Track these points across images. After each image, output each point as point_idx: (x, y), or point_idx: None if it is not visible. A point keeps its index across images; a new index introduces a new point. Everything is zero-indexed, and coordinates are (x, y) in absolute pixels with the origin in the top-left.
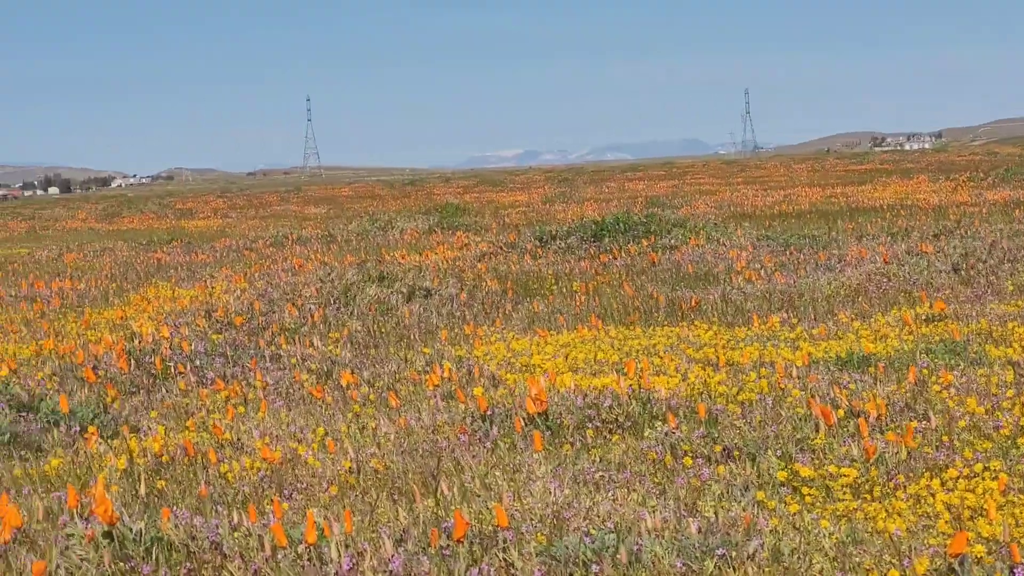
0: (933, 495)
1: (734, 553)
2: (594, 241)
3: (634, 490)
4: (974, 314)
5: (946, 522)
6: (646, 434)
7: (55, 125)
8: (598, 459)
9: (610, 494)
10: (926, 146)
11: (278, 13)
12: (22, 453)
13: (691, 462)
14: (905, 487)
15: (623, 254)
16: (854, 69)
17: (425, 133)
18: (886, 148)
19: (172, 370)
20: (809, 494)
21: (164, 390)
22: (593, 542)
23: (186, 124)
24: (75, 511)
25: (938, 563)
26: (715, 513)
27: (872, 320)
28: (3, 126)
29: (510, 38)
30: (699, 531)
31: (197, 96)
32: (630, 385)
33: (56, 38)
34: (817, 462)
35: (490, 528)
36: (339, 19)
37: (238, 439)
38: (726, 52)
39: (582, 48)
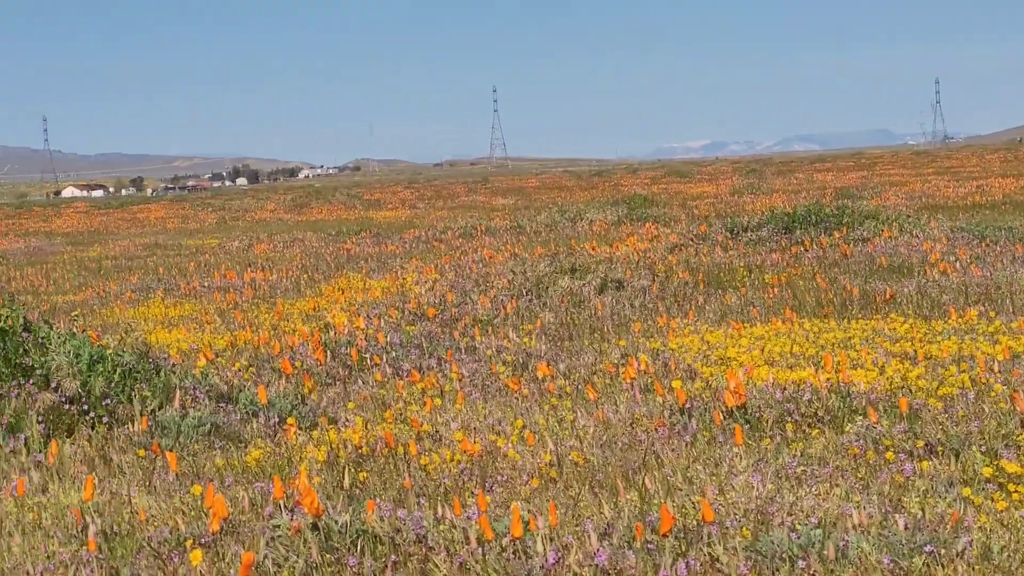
0: None
1: (943, 551)
2: (785, 233)
3: (837, 485)
4: None
5: None
6: (846, 428)
7: (244, 117)
8: (799, 453)
9: (812, 489)
10: None
11: (465, 4)
12: (222, 443)
13: (893, 457)
14: None
15: (815, 246)
16: None
17: (611, 124)
18: None
19: (367, 361)
20: (1016, 491)
21: (360, 381)
22: (799, 537)
23: (373, 116)
24: (281, 503)
25: None
26: (921, 509)
27: None
28: (195, 119)
29: (697, 27)
30: (906, 528)
31: (384, 88)
32: (828, 379)
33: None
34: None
35: (693, 522)
36: (525, 10)
37: (436, 431)
38: (916, 41)
39: (770, 37)
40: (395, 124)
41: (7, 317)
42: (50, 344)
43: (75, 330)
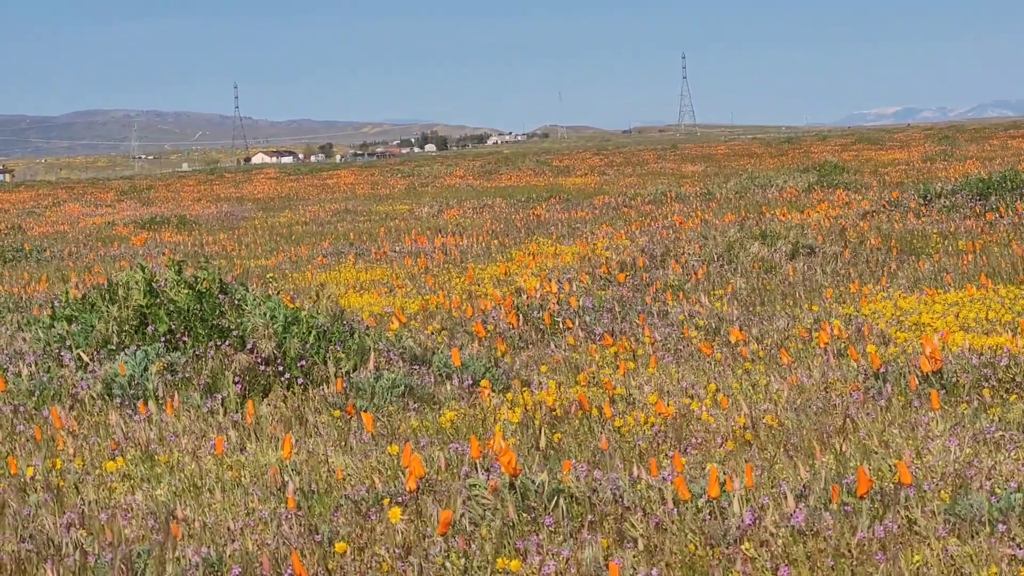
0: None
1: None
2: (980, 199)
3: None
4: None
5: None
6: None
7: (433, 84)
8: (996, 419)
9: (1012, 454)
10: None
11: None
12: (417, 405)
13: None
14: None
15: (1010, 213)
16: None
17: (800, 91)
18: None
19: (559, 325)
20: None
21: (552, 345)
22: (998, 501)
23: (561, 83)
24: (477, 462)
25: None
26: None
27: None
28: (384, 86)
29: None
30: None
31: (573, 55)
32: None
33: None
34: None
35: (890, 486)
36: None
37: (629, 394)
38: None
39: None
40: (583, 91)
41: (204, 279)
42: (246, 306)
43: (270, 292)
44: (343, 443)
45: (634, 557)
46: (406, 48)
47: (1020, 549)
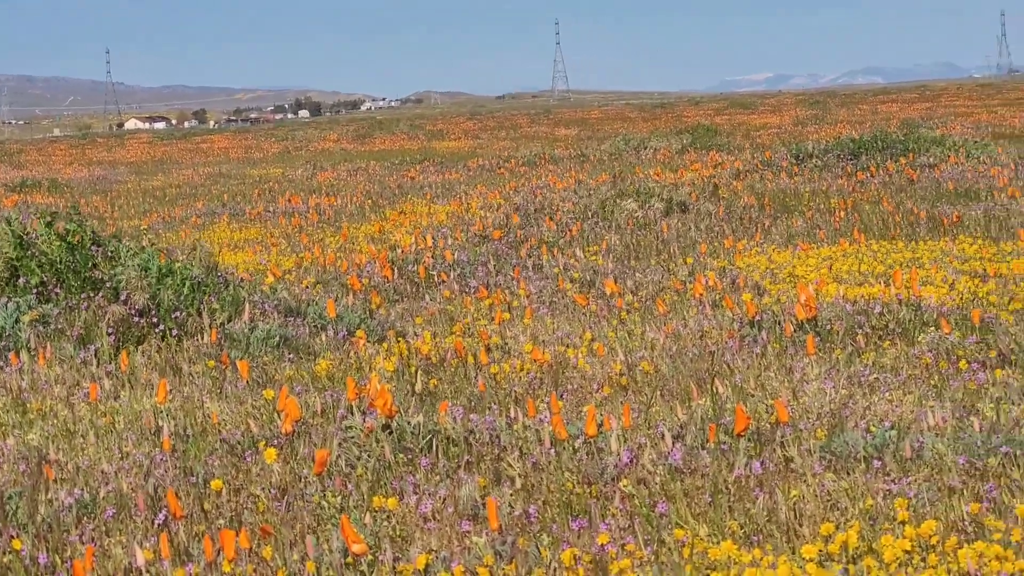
0: None
1: (1018, 452)
2: (851, 159)
3: (910, 392)
4: None
5: None
6: (918, 339)
7: (306, 50)
8: (871, 363)
9: (886, 395)
10: None
11: None
12: (292, 356)
13: (966, 366)
14: None
15: (881, 172)
16: None
17: (673, 57)
18: None
19: (435, 279)
20: None
21: (428, 298)
22: (873, 438)
23: (435, 49)
24: (353, 405)
25: None
26: (996, 414)
27: None
28: (258, 52)
29: None
30: (980, 430)
31: (446, 22)
32: (898, 294)
33: None
34: None
35: (767, 425)
36: None
37: (505, 343)
38: None
39: None
40: (457, 58)
41: (74, 232)
42: (119, 258)
43: (144, 244)
44: (218, 391)
45: (511, 495)
46: (281, 14)
47: (895, 483)
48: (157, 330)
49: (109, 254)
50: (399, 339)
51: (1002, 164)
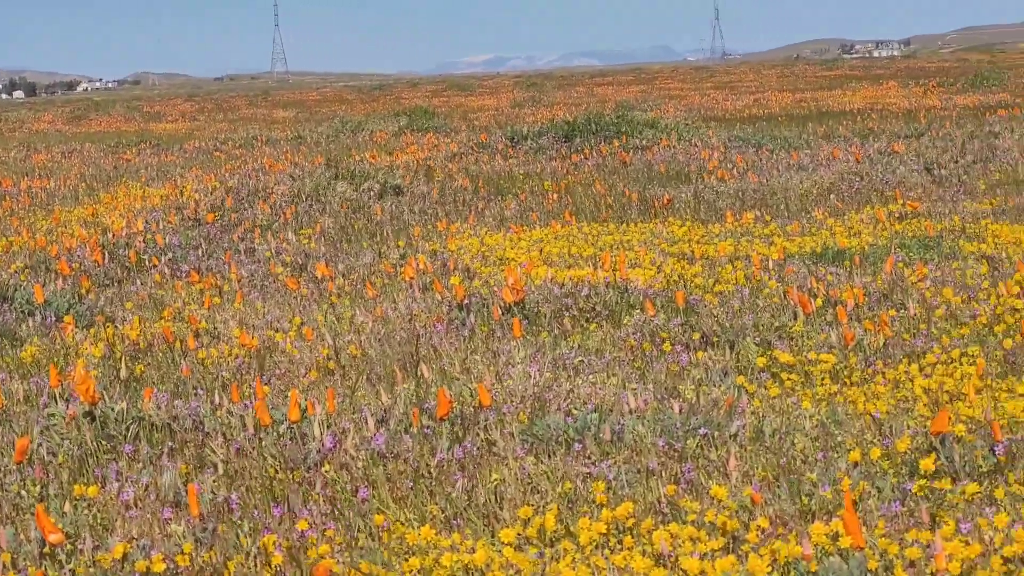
0: (912, 380)
1: (716, 433)
2: (565, 141)
3: (614, 374)
4: (947, 212)
5: (925, 405)
6: (624, 322)
7: (20, 28)
8: (576, 346)
9: (590, 378)
10: (895, 53)
11: None
12: None
13: (669, 348)
14: (884, 373)
15: (594, 154)
16: None
17: (393, 39)
18: (855, 55)
19: (146, 263)
20: (789, 379)
21: (138, 282)
22: (575, 421)
23: (153, 28)
24: (56, 392)
25: (919, 441)
26: (696, 396)
27: (846, 218)
28: None
29: None
30: (680, 412)
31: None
32: (606, 276)
33: None
34: (796, 349)
35: (471, 409)
36: None
37: (215, 328)
38: None
39: None
40: (176, 39)
41: None
42: None
43: None
44: None
45: (214, 481)
46: None
47: (595, 466)
48: None
49: None
50: (108, 324)
51: (712, 146)
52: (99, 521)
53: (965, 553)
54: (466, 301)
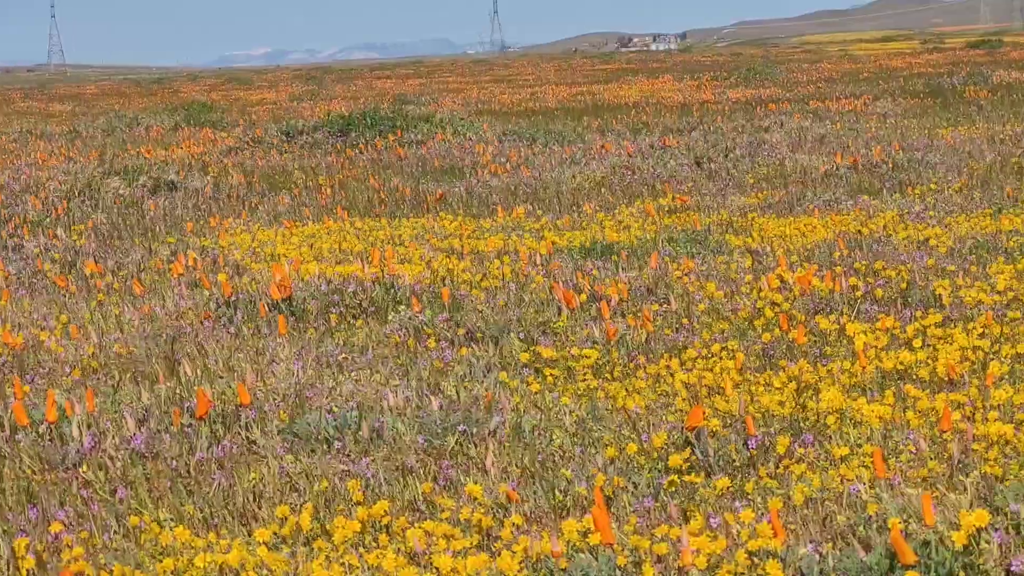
0: (672, 374)
1: (475, 430)
2: (341, 136)
3: (377, 371)
4: (716, 206)
5: (684, 400)
6: (390, 318)
7: None
8: (341, 342)
9: (353, 375)
10: (672, 47)
11: None
12: None
13: (435, 345)
14: (645, 367)
15: (370, 149)
16: None
17: (173, 32)
18: (633, 49)
19: None
20: (551, 375)
21: None
22: (335, 419)
23: None
24: None
25: (675, 436)
26: (457, 392)
27: (616, 212)
28: None
29: None
30: (441, 409)
31: None
32: (375, 272)
33: None
34: (559, 344)
35: (233, 407)
36: None
37: None
38: None
39: None
40: None
41: None
42: None
43: None
44: None
45: None
46: None
47: (353, 464)
48: None
49: None
50: None
51: (487, 140)
52: None
53: (711, 548)
54: (233, 298)
